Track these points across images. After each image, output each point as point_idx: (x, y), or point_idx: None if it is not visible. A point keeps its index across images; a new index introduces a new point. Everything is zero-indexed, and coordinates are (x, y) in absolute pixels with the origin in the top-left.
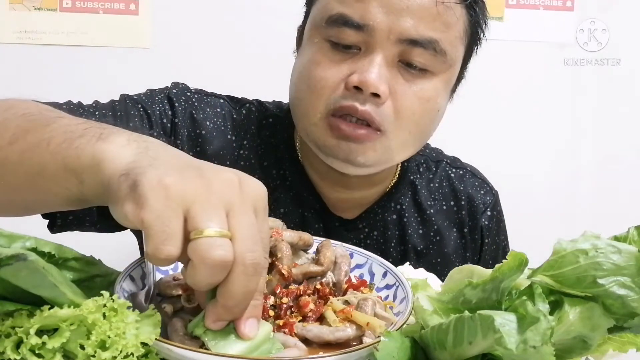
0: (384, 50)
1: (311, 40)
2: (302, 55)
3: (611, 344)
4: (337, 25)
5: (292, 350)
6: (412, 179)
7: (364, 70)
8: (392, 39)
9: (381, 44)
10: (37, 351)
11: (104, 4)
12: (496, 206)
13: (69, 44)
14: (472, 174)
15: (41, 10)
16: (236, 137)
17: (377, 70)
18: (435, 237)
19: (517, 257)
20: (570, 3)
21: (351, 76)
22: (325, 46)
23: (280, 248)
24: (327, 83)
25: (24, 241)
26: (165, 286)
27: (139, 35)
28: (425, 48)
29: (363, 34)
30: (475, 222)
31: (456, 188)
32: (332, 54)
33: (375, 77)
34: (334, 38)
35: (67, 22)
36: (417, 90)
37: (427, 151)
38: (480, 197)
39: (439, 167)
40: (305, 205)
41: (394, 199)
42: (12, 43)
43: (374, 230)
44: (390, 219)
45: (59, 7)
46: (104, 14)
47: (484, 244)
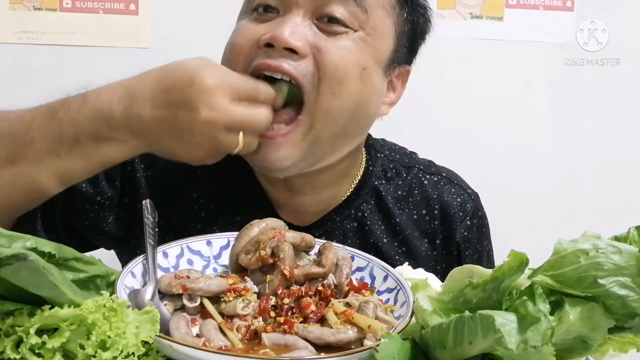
0: (299, 7)
1: (240, 15)
2: None
3: (611, 344)
4: None
5: (303, 351)
6: (377, 184)
7: (276, 27)
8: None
9: (296, 3)
10: (37, 350)
11: (104, 4)
12: (477, 212)
13: (69, 44)
14: (448, 180)
15: (41, 10)
16: None
17: (291, 27)
18: (402, 247)
19: (518, 257)
20: (570, 3)
21: (264, 35)
22: (247, 16)
23: (283, 249)
24: (242, 48)
25: (24, 241)
26: (166, 284)
27: (139, 35)
28: (345, 3)
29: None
30: (450, 232)
31: (429, 196)
32: (252, 20)
33: (288, 33)
34: (252, 5)
35: (67, 22)
36: (341, 45)
37: (398, 156)
38: (457, 205)
39: (409, 173)
40: (257, 213)
41: (354, 206)
42: (12, 43)
43: (332, 239)
44: (350, 226)
45: (59, 7)
46: (104, 14)
47: (464, 256)
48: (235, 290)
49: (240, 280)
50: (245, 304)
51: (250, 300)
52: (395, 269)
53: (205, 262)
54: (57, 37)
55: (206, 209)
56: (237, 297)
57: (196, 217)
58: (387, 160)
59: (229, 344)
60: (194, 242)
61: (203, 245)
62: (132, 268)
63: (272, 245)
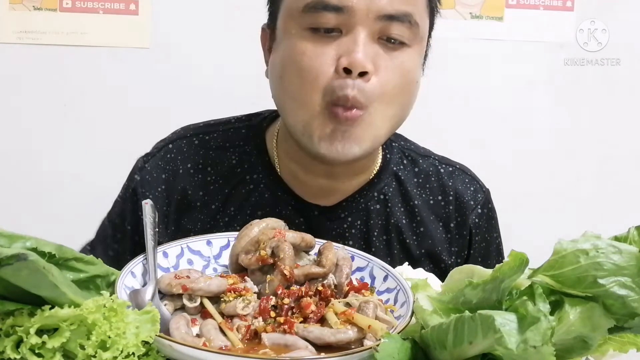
0: (364, 28)
1: (288, 32)
2: (281, 49)
3: (611, 344)
4: (315, 11)
5: (303, 351)
6: (395, 169)
7: (351, 51)
8: (371, 17)
9: (361, 23)
10: (37, 350)
11: (104, 4)
12: (487, 204)
13: (69, 44)
14: (462, 171)
15: (41, 10)
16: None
17: (362, 49)
18: (419, 227)
19: (518, 257)
20: (570, 3)
21: (340, 59)
22: (305, 34)
23: (283, 249)
24: (320, 71)
25: (24, 241)
26: (166, 284)
27: (139, 35)
28: (402, 22)
29: (343, 15)
30: (463, 218)
31: (445, 183)
32: (315, 41)
33: (362, 56)
34: (314, 24)
35: (67, 22)
36: (399, 63)
37: (413, 147)
38: (470, 194)
39: (426, 161)
40: (281, 204)
41: (377, 189)
42: (12, 43)
43: (356, 219)
44: (374, 208)
45: (59, 7)
46: (104, 14)
47: (474, 241)
48: (235, 290)
49: (240, 280)
50: (245, 304)
51: (250, 300)
52: (395, 269)
53: (205, 262)
54: (57, 37)
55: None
56: (237, 297)
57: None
58: (403, 149)
59: (229, 344)
60: (194, 242)
61: (203, 245)
62: (132, 268)
63: (272, 245)
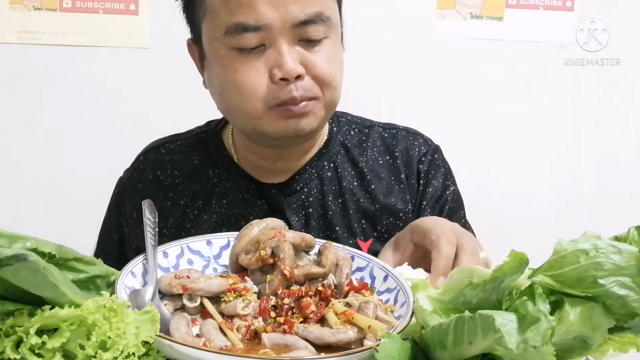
0: (284, 39)
1: (216, 52)
2: (214, 67)
3: (611, 344)
4: (236, 34)
5: (303, 351)
6: (342, 139)
7: (280, 63)
8: (287, 27)
9: (280, 35)
10: (37, 351)
11: (104, 4)
12: (434, 153)
13: (69, 44)
14: (406, 131)
15: (41, 10)
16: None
17: (289, 57)
18: (370, 186)
19: (518, 257)
20: (570, 3)
21: (272, 71)
22: (233, 54)
23: (283, 249)
24: (255, 84)
25: (24, 241)
26: (166, 284)
27: (139, 35)
28: (315, 22)
29: (262, 33)
30: (410, 169)
31: (389, 145)
32: (244, 58)
33: (292, 64)
34: (238, 45)
35: (67, 22)
36: (323, 55)
37: (359, 120)
38: (415, 147)
39: (371, 130)
40: (243, 190)
41: (327, 158)
42: (12, 43)
43: (312, 189)
44: (325, 175)
45: (59, 7)
46: (104, 14)
47: (423, 187)
48: (235, 290)
49: (240, 280)
50: (245, 304)
51: (250, 300)
52: (395, 269)
53: (205, 262)
54: (57, 37)
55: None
56: (237, 297)
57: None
58: (349, 122)
59: (229, 344)
60: (194, 242)
61: (203, 245)
62: (132, 268)
63: (272, 245)
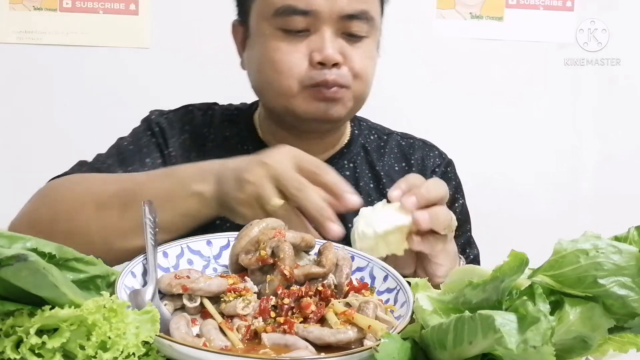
0: (329, 27)
1: (261, 32)
2: (256, 46)
3: (611, 344)
4: (285, 15)
5: (303, 351)
6: (363, 142)
7: (321, 48)
8: (334, 17)
9: (326, 23)
10: (37, 351)
11: (104, 4)
12: (447, 166)
13: (69, 44)
14: (423, 142)
15: (41, 10)
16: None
17: (331, 44)
18: (385, 189)
19: (518, 257)
20: (570, 3)
21: (312, 54)
22: (278, 34)
23: (283, 249)
24: (293, 64)
25: (24, 242)
26: (166, 284)
27: (139, 35)
28: (360, 19)
29: (310, 18)
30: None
31: (406, 152)
32: (287, 39)
33: (332, 51)
34: (285, 26)
35: (67, 22)
36: (361, 52)
37: (378, 127)
38: (430, 158)
39: (389, 137)
40: None
41: (347, 158)
42: (12, 43)
43: None
44: (344, 174)
45: (59, 7)
46: (104, 14)
47: None
48: (235, 290)
49: (240, 280)
50: (245, 304)
51: (250, 300)
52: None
53: (205, 262)
54: (57, 37)
55: None
56: (237, 297)
57: None
58: (369, 127)
59: (229, 344)
60: (194, 242)
61: (203, 245)
62: (132, 268)
63: (272, 245)
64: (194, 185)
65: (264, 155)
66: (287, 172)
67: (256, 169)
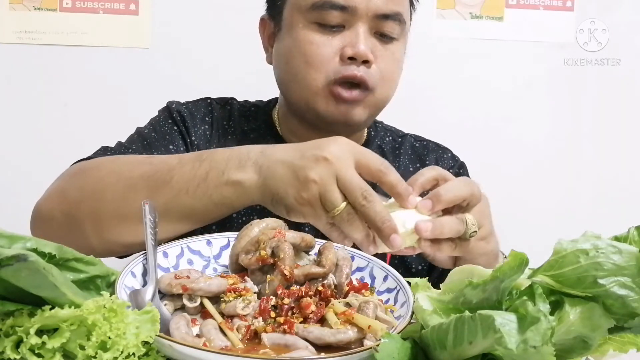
0: (364, 24)
1: (295, 24)
2: (287, 38)
3: (611, 344)
4: (323, 9)
5: (303, 351)
6: (379, 143)
7: (355, 43)
8: (370, 15)
9: (362, 20)
10: (37, 351)
11: (104, 4)
12: (460, 169)
13: (69, 44)
14: (436, 145)
15: (41, 10)
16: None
17: (364, 41)
18: None
19: (518, 257)
20: (570, 3)
21: (344, 49)
22: (312, 27)
23: (283, 249)
24: (324, 58)
25: (24, 242)
26: (166, 284)
27: (139, 35)
28: (394, 20)
29: (346, 13)
30: None
31: (420, 154)
32: (322, 33)
33: (365, 47)
34: (321, 20)
35: (67, 22)
36: (390, 54)
37: (393, 129)
38: (444, 160)
39: (404, 139)
40: None
41: None
42: (12, 43)
43: None
44: None
45: (59, 7)
46: (104, 14)
47: None
48: (235, 290)
49: (240, 280)
50: (245, 304)
51: (250, 300)
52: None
53: (205, 262)
54: (57, 37)
55: None
56: (237, 297)
57: None
58: (384, 129)
59: (229, 344)
60: (194, 242)
61: (203, 245)
62: (132, 268)
63: (272, 245)
64: (231, 172)
65: (319, 148)
66: (353, 176)
67: (319, 167)
